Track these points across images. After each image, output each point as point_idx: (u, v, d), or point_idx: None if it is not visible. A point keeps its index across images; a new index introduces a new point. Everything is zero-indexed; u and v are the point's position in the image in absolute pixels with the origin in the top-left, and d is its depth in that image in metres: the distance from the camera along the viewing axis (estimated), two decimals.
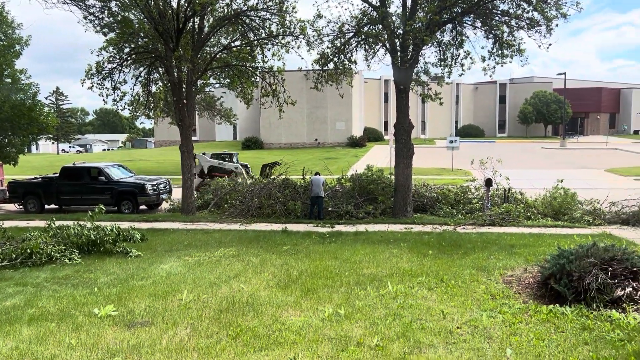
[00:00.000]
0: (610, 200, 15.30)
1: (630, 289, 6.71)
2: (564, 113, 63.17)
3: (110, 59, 16.64)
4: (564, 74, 56.91)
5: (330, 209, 15.98)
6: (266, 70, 17.50)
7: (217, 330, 6.17)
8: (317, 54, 16.35)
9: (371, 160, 31.79)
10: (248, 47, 17.08)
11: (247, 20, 16.80)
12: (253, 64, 17.50)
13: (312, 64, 16.50)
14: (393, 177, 16.22)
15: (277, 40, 16.95)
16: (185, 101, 16.64)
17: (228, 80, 20.12)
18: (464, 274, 8.46)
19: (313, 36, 16.17)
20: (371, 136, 60.08)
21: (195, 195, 17.87)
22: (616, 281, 6.71)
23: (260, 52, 17.11)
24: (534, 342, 5.56)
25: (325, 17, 15.96)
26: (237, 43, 17.52)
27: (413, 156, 15.70)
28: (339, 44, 16.09)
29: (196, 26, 16.77)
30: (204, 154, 24.68)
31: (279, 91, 17.46)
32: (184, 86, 16.68)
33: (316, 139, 57.05)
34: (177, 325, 6.37)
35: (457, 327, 6.08)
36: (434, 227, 13.73)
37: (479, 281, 8.01)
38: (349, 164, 34.00)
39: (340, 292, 7.58)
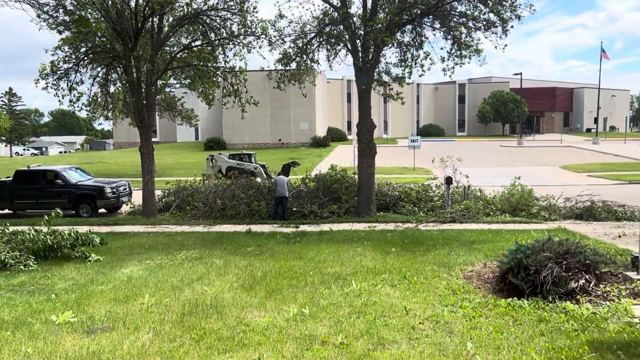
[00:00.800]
0: (565, 196, 15.86)
1: (583, 281, 6.99)
2: (520, 112, 65.01)
3: (66, 58, 16.16)
4: (520, 74, 58.57)
5: (294, 209, 15.99)
6: (228, 70, 17.35)
7: (180, 333, 6.09)
8: (279, 53, 16.34)
9: (335, 160, 31.96)
10: (209, 47, 16.88)
11: (208, 20, 16.62)
12: (214, 64, 17.32)
13: (274, 64, 16.47)
14: (357, 176, 16.36)
15: (238, 40, 16.83)
16: (144, 102, 16.32)
17: (189, 80, 19.84)
18: (426, 270, 8.61)
19: (275, 36, 16.14)
20: (335, 136, 60.32)
21: (156, 198, 17.56)
22: (570, 274, 6.97)
23: (221, 52, 16.95)
24: (494, 335, 5.71)
25: (286, 17, 15.94)
26: (198, 43, 17.29)
27: (376, 155, 15.87)
28: (301, 44, 16.11)
29: (155, 26, 16.47)
30: (220, 154, 24.31)
31: (241, 91, 17.34)
32: (144, 86, 16.36)
33: (280, 139, 56.91)
34: (138, 329, 6.26)
35: (420, 323, 6.19)
36: (396, 225, 13.92)
37: (440, 277, 8.17)
38: (313, 164, 34.09)
39: (305, 292, 7.60)
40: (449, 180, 15.95)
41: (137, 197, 18.46)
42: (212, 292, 7.72)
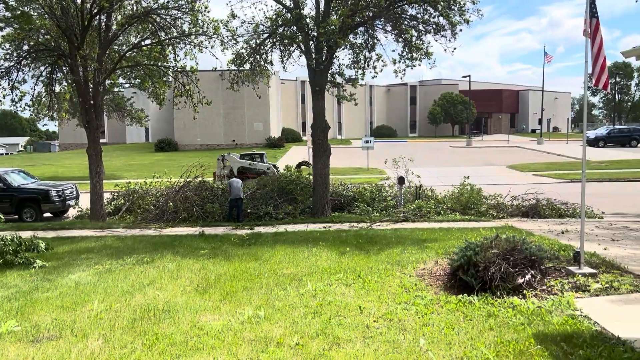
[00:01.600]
0: (511, 194, 16.43)
1: (529, 276, 7.27)
2: (469, 113, 66.93)
3: (7, 56, 15.47)
4: (469, 76, 60.29)
5: (249, 210, 15.88)
6: (179, 70, 17.04)
7: (131, 339, 5.94)
8: (232, 54, 16.20)
9: (290, 161, 31.92)
10: (159, 46, 16.53)
11: (158, 19, 16.26)
12: (165, 64, 16.97)
13: (227, 64, 16.31)
14: (311, 177, 16.41)
15: (189, 40, 16.55)
16: (92, 102, 15.82)
17: (139, 80, 19.36)
18: (380, 269, 8.74)
19: (227, 36, 15.98)
20: (289, 137, 60.29)
21: (105, 201, 17.03)
22: (517, 270, 7.24)
23: (172, 52, 16.62)
24: (445, 331, 5.86)
25: (239, 17, 15.82)
26: (148, 42, 16.90)
27: (330, 156, 15.97)
28: (254, 45, 16.02)
29: (103, 24, 15.99)
30: (229, 154, 23.55)
31: (193, 91, 17.08)
32: (91, 86, 15.84)
33: (234, 140, 56.35)
34: (87, 337, 6.06)
35: (374, 321, 6.28)
36: (351, 225, 14.04)
37: (393, 275, 8.31)
38: None
39: (260, 294, 7.56)
40: (401, 180, 16.24)
41: (85, 201, 17.86)
42: (164, 297, 7.57)
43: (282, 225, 14.24)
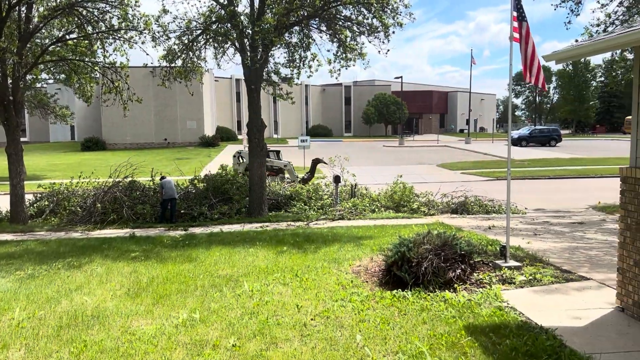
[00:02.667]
0: (442, 192, 17.05)
1: (460, 270, 7.55)
2: (401, 114, 68.77)
3: None
4: (401, 77, 61.97)
5: (183, 211, 15.50)
6: (107, 65, 16.34)
7: (57, 348, 5.63)
8: (164, 50, 15.75)
9: (225, 160, 31.43)
10: (86, 41, 15.78)
11: (84, 12, 15.52)
12: (92, 59, 16.22)
13: (158, 61, 15.84)
14: (247, 176, 16.24)
15: (119, 35, 15.92)
16: (11, 98, 14.86)
17: (64, 75, 18.39)
18: (317, 267, 8.78)
19: (159, 32, 15.50)
20: (224, 136, 59.41)
21: (27, 203, 16.05)
22: (448, 264, 7.50)
23: (100, 47, 15.93)
24: (381, 326, 5.97)
25: (171, 12, 15.44)
26: (74, 36, 16.09)
27: (267, 155, 15.87)
28: (186, 41, 15.65)
29: (23, 15, 15.05)
30: (245, 150, 22.25)
31: (123, 88, 16.43)
32: (10, 81, 14.88)
33: (165, 139, 54.83)
34: (8, 347, 5.68)
35: (311, 319, 6.30)
36: (288, 224, 14.03)
37: (330, 273, 8.38)
38: (202, 164, 33.26)
39: (195, 296, 7.39)
40: (337, 179, 16.43)
41: (4, 203, 16.76)
42: (93, 302, 7.23)
43: (218, 226, 14.00)
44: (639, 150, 5.89)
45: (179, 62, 15.94)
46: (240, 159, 22.00)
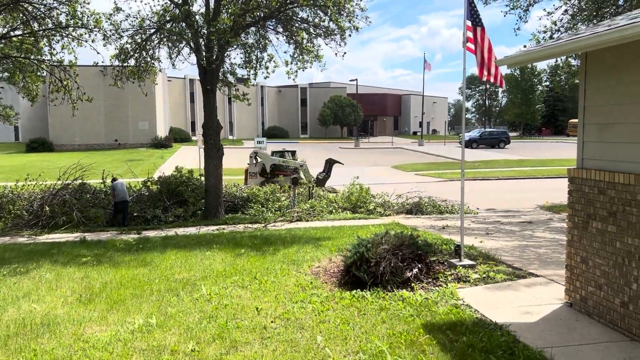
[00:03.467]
0: (397, 193, 17.33)
1: (417, 270, 7.70)
2: (357, 116, 69.47)
3: None
4: (356, 80, 62.60)
5: (135, 214, 15.10)
6: (55, 64, 15.74)
7: (4, 359, 5.37)
8: (116, 49, 15.31)
9: (179, 162, 30.83)
10: (32, 38, 15.15)
11: (30, 8, 14.90)
12: (39, 57, 15.59)
13: (110, 60, 15.39)
14: (203, 178, 16.00)
15: (67, 32, 15.38)
16: None
17: (7, 74, 17.58)
18: (276, 269, 8.75)
19: (110, 30, 15.07)
20: (178, 137, 58.30)
21: None
22: (405, 264, 7.63)
23: (47, 44, 15.32)
24: (341, 327, 6.01)
25: (123, 10, 15.00)
26: (18, 33, 15.41)
27: (223, 157, 15.69)
28: (139, 40, 15.28)
29: None
30: (261, 150, 21.69)
31: (72, 87, 15.87)
32: None
33: (116, 140, 53.30)
34: None
35: (272, 322, 6.27)
36: (245, 226, 13.91)
37: (289, 275, 8.36)
38: (155, 165, 32.50)
39: (151, 301, 7.22)
40: (294, 181, 16.41)
41: None
42: (42, 309, 6.94)
43: (172, 229, 13.72)
44: (585, 152, 6.17)
45: (132, 62, 15.54)
46: (255, 159, 21.52)
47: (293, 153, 22.80)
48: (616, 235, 5.60)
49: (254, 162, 21.18)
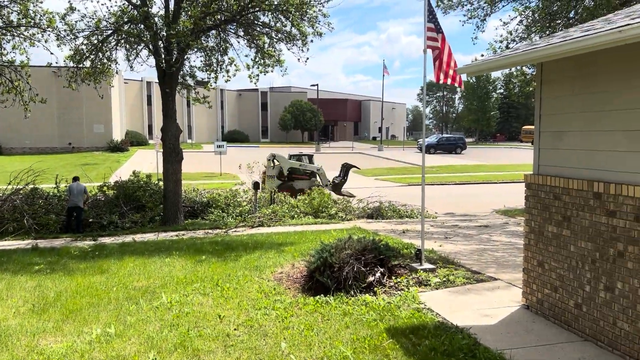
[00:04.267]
0: (358, 198, 17.47)
1: (379, 274, 7.76)
2: (317, 121, 69.69)
3: None
4: (317, 85, 62.93)
5: (91, 220, 14.66)
6: (5, 64, 15.13)
7: None
8: (70, 50, 14.87)
9: (136, 166, 30.11)
10: None
11: None
12: None
13: (64, 61, 14.94)
14: (162, 183, 15.69)
15: (18, 32, 14.82)
16: None
17: None
18: (238, 275, 8.65)
19: (65, 30, 14.62)
20: (134, 140, 56.92)
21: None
22: (368, 269, 7.68)
23: None
24: (305, 333, 5.99)
25: (79, 10, 14.59)
26: None
27: (182, 161, 15.43)
28: (96, 41, 14.89)
29: None
30: (279, 154, 21.27)
31: (23, 88, 15.28)
32: None
33: (70, 143, 51.56)
34: None
35: (235, 329, 6.18)
36: (206, 232, 13.70)
37: (252, 281, 8.28)
38: (112, 169, 31.62)
39: (109, 310, 7.00)
40: (256, 185, 16.31)
41: None
42: None
43: (130, 235, 13.39)
44: (541, 159, 6.39)
45: (88, 63, 15.12)
46: (273, 162, 21.17)
47: (310, 157, 22.71)
48: (570, 239, 5.81)
49: (272, 165, 21.08)
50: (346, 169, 21.27)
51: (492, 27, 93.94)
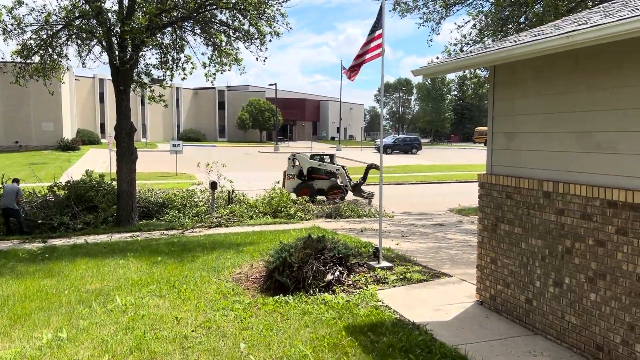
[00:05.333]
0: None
1: (338, 273, 7.83)
2: (276, 120, 69.46)
3: None
4: (275, 84, 62.66)
5: (40, 221, 14.11)
6: None
7: None
8: (18, 44, 14.26)
9: (88, 165, 29.19)
10: None
11: None
12: None
13: (11, 56, 14.32)
14: (115, 183, 15.28)
15: None
16: None
17: None
18: (195, 276, 8.53)
19: (12, 24, 14.00)
20: (86, 139, 55.19)
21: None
22: (327, 267, 7.73)
23: None
24: (264, 333, 5.97)
25: (27, 4, 13.99)
26: None
27: (136, 160, 15.07)
28: (45, 36, 14.35)
29: None
30: (299, 153, 20.69)
31: None
32: None
33: (17, 142, 49.52)
34: None
35: (192, 331, 6.10)
36: (161, 233, 13.43)
37: (210, 282, 8.18)
38: (62, 169, 30.52)
39: (61, 314, 6.77)
40: (213, 185, 16.10)
41: None
42: None
43: (82, 237, 12.97)
44: (493, 159, 6.60)
45: (36, 59, 14.56)
46: (293, 162, 20.65)
47: (332, 157, 22.43)
48: (522, 236, 6.03)
49: (292, 165, 20.77)
50: (368, 169, 21.70)
51: (447, 30, 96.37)
